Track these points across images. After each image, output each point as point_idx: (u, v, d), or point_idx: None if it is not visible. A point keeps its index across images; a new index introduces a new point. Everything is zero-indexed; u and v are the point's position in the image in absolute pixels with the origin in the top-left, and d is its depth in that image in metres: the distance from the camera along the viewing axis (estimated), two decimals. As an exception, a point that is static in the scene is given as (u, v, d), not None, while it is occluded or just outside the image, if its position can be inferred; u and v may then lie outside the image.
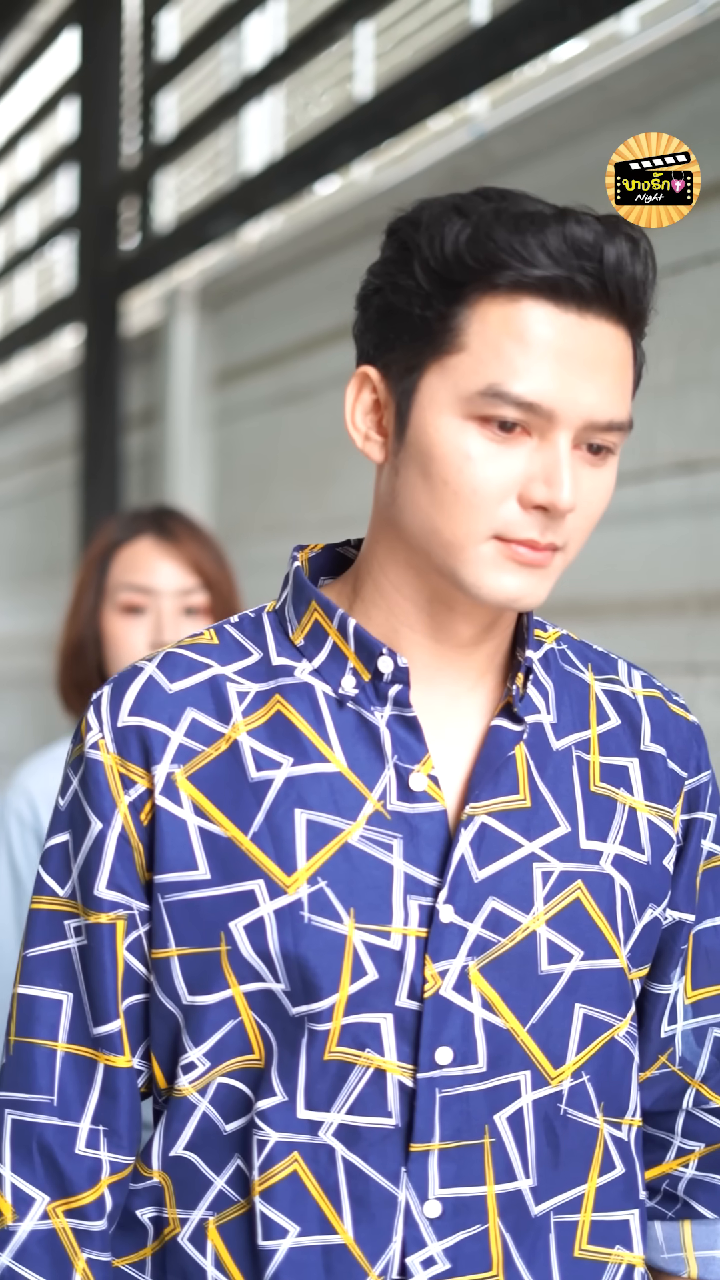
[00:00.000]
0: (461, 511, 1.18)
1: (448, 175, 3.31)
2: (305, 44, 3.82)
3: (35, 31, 6.21)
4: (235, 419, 4.35)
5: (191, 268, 4.54)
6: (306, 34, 3.81)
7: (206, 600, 2.22)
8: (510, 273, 1.15)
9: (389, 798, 1.24)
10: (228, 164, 4.52)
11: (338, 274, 3.78)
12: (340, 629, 1.26)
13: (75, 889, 1.28)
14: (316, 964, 1.21)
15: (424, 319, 1.19)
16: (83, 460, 4.95)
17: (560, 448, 1.17)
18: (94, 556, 2.26)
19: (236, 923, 1.22)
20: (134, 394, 4.87)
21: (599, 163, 2.87)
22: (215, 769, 1.25)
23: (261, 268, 4.16)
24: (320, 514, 3.83)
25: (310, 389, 3.91)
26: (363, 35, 3.73)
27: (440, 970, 1.22)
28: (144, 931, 1.27)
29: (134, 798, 1.25)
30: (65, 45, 5.72)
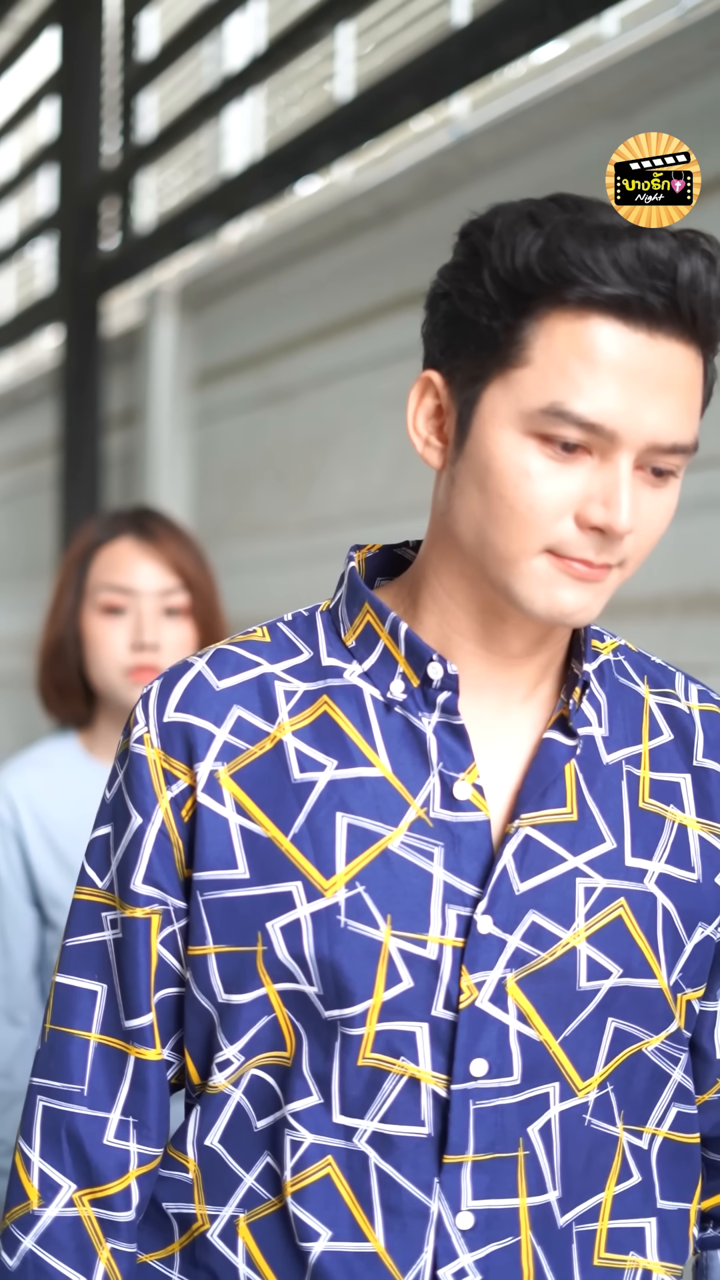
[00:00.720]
0: (516, 527, 1.16)
1: (428, 176, 3.31)
2: (286, 45, 3.82)
3: (15, 31, 6.20)
4: (215, 420, 4.35)
5: (172, 268, 4.54)
6: (287, 35, 3.80)
7: (187, 601, 2.22)
8: (580, 289, 1.13)
9: (432, 805, 1.23)
10: (208, 164, 4.51)
11: (318, 275, 3.78)
12: (392, 633, 1.25)
13: (114, 881, 1.29)
14: (350, 969, 1.21)
15: (490, 329, 1.16)
16: (63, 461, 4.94)
17: (621, 469, 1.15)
18: (74, 557, 2.25)
19: (273, 923, 1.22)
20: (114, 394, 4.87)
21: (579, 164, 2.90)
22: (259, 768, 1.24)
23: (242, 268, 4.16)
24: (300, 515, 3.83)
25: (291, 390, 3.91)
26: (343, 36, 3.73)
27: (477, 981, 1.21)
28: (179, 927, 1.27)
29: (176, 794, 1.25)
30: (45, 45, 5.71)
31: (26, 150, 6.03)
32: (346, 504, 3.63)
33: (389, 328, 3.47)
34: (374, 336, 3.53)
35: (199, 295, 4.41)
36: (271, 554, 3.95)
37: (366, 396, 3.56)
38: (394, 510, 3.43)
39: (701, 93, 2.57)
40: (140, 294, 4.68)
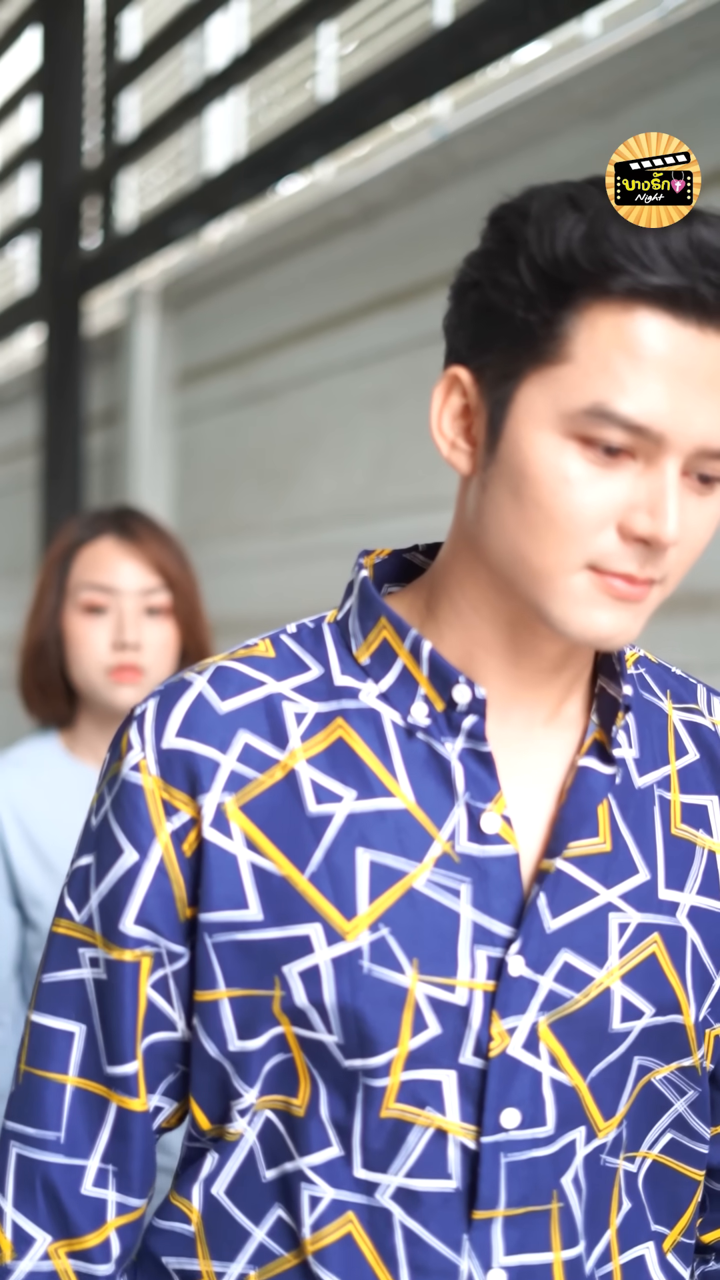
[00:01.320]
0: (555, 539, 1.06)
1: (410, 176, 3.31)
2: (268, 44, 3.82)
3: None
4: (197, 419, 4.35)
5: (154, 267, 4.53)
6: (269, 34, 3.80)
7: (168, 600, 2.22)
8: (626, 278, 1.02)
9: (458, 839, 1.13)
10: (190, 164, 4.51)
11: (300, 274, 3.78)
12: (413, 652, 1.15)
13: (94, 918, 1.17)
14: (374, 1018, 1.11)
15: (526, 323, 1.05)
16: (44, 460, 4.94)
17: (668, 475, 1.05)
18: (55, 556, 2.25)
19: (291, 968, 1.12)
20: (96, 394, 4.86)
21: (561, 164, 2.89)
22: (270, 799, 1.13)
23: (224, 268, 4.16)
24: (282, 515, 3.83)
25: (272, 389, 3.91)
26: (325, 36, 3.74)
27: (508, 1027, 1.12)
28: (173, 971, 1.16)
29: (177, 827, 1.14)
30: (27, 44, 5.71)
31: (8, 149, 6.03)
32: (328, 504, 3.63)
33: (370, 327, 3.47)
34: (355, 336, 3.53)
35: (181, 295, 4.41)
36: (253, 554, 3.95)
37: (348, 396, 3.56)
38: (376, 510, 3.43)
39: (683, 93, 2.58)
40: (122, 293, 4.68)
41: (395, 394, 3.38)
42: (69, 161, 4.99)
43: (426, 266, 3.25)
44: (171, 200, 4.31)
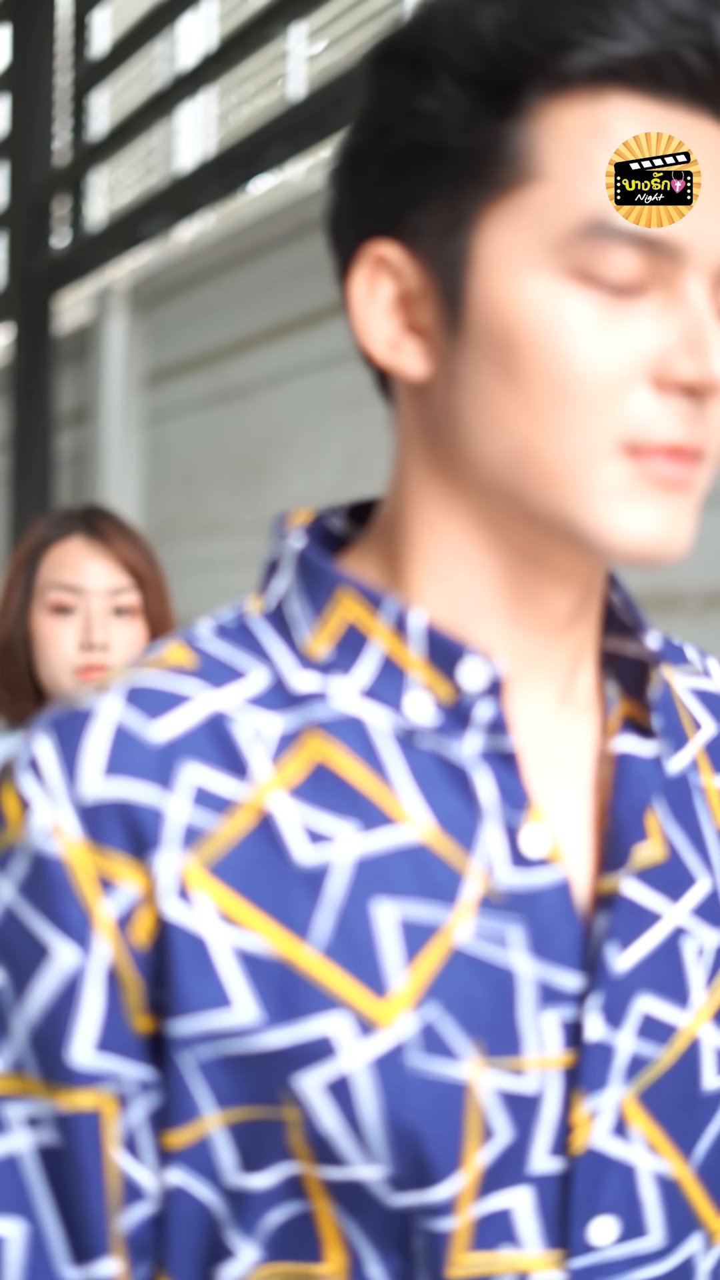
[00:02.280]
0: (572, 413, 0.79)
1: (380, 176, 3.31)
2: (238, 44, 3.81)
3: (-34, 28, 6.17)
4: (167, 419, 4.34)
5: (123, 266, 4.52)
6: (239, 34, 3.80)
7: (137, 600, 2.21)
8: (586, 54, 0.78)
9: (496, 868, 0.84)
10: (160, 163, 4.50)
11: (270, 274, 3.77)
12: (398, 627, 0.85)
13: (26, 1058, 0.83)
14: (432, 1132, 0.80)
15: (467, 150, 0.80)
16: (13, 459, 4.92)
17: (697, 301, 0.80)
18: (23, 556, 2.24)
19: (310, 1081, 0.80)
20: (65, 393, 4.85)
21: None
22: (244, 854, 0.82)
23: (193, 267, 4.15)
24: (252, 514, 3.83)
25: (242, 389, 3.90)
26: (295, 36, 3.73)
27: (591, 1110, 0.83)
28: (144, 1113, 0.83)
29: (123, 907, 0.82)
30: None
31: (-23, 147, 6.00)
32: (298, 503, 3.62)
33: (341, 327, 3.46)
34: (326, 336, 3.52)
35: (150, 294, 4.40)
36: (222, 553, 3.95)
37: (318, 396, 3.55)
38: (345, 510, 3.43)
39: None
40: (91, 292, 4.67)
41: (366, 393, 3.37)
42: (38, 160, 4.98)
43: (397, 266, 3.25)
44: (141, 199, 4.30)
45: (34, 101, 5.00)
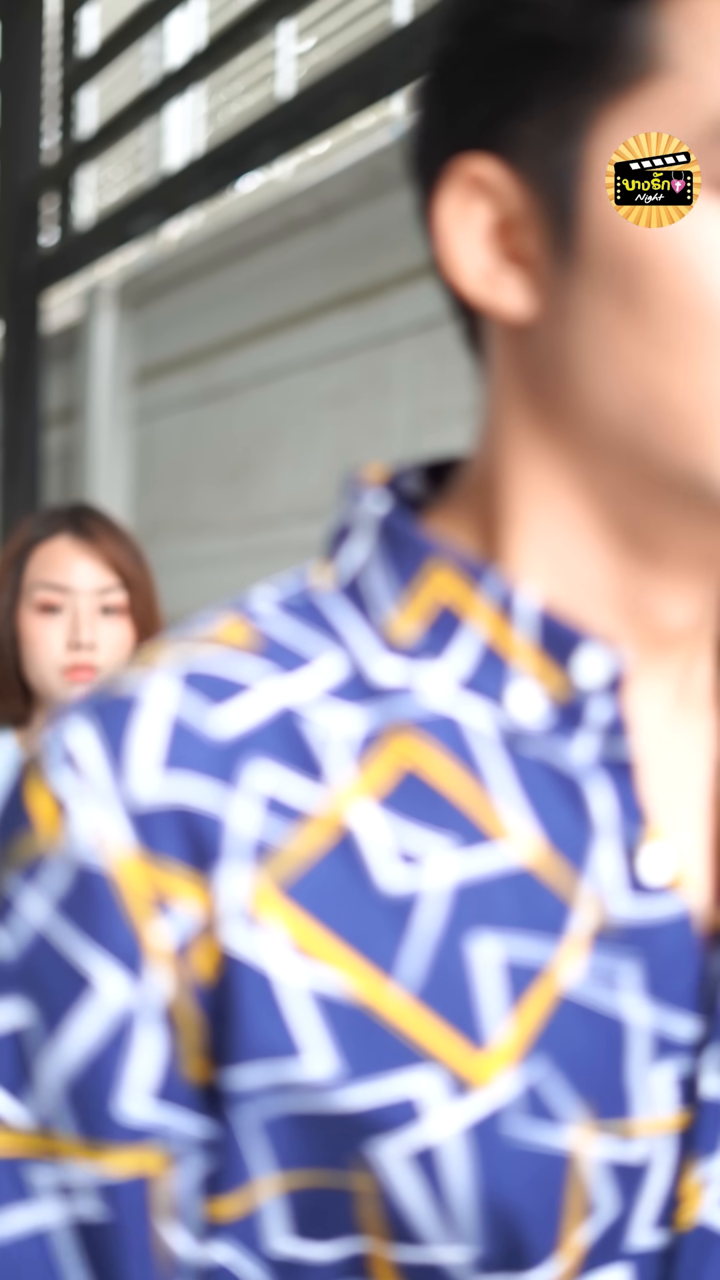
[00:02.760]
0: (710, 350, 0.65)
1: (369, 175, 3.31)
2: (227, 42, 3.81)
3: (-45, 25, 6.16)
4: (155, 417, 4.33)
5: (112, 265, 4.52)
6: (228, 31, 3.79)
7: (124, 599, 2.21)
8: None
9: (611, 897, 0.70)
10: (148, 161, 4.50)
11: (259, 272, 3.77)
12: (503, 607, 0.71)
13: (59, 1112, 0.68)
14: (530, 1209, 0.67)
15: (581, 41, 0.67)
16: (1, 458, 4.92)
17: None
18: (10, 555, 2.24)
19: (390, 1149, 0.67)
20: (53, 391, 4.84)
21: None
22: (321, 875, 0.68)
23: (182, 265, 4.15)
24: (241, 513, 3.82)
25: (231, 387, 3.90)
26: (285, 34, 3.73)
27: (702, 1179, 0.71)
28: (198, 1177, 0.69)
29: (182, 931, 0.67)
30: (-15, 39, 5.67)
31: (-35, 145, 5.99)
32: (286, 502, 3.62)
33: (329, 326, 3.46)
34: (314, 335, 3.52)
35: (139, 292, 4.39)
36: (210, 552, 3.94)
37: (306, 394, 3.55)
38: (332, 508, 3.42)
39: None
40: (80, 290, 4.66)
41: (354, 392, 3.37)
42: (26, 158, 4.97)
43: (385, 265, 3.24)
44: (130, 197, 4.29)
45: (22, 99, 4.99)
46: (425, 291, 3.10)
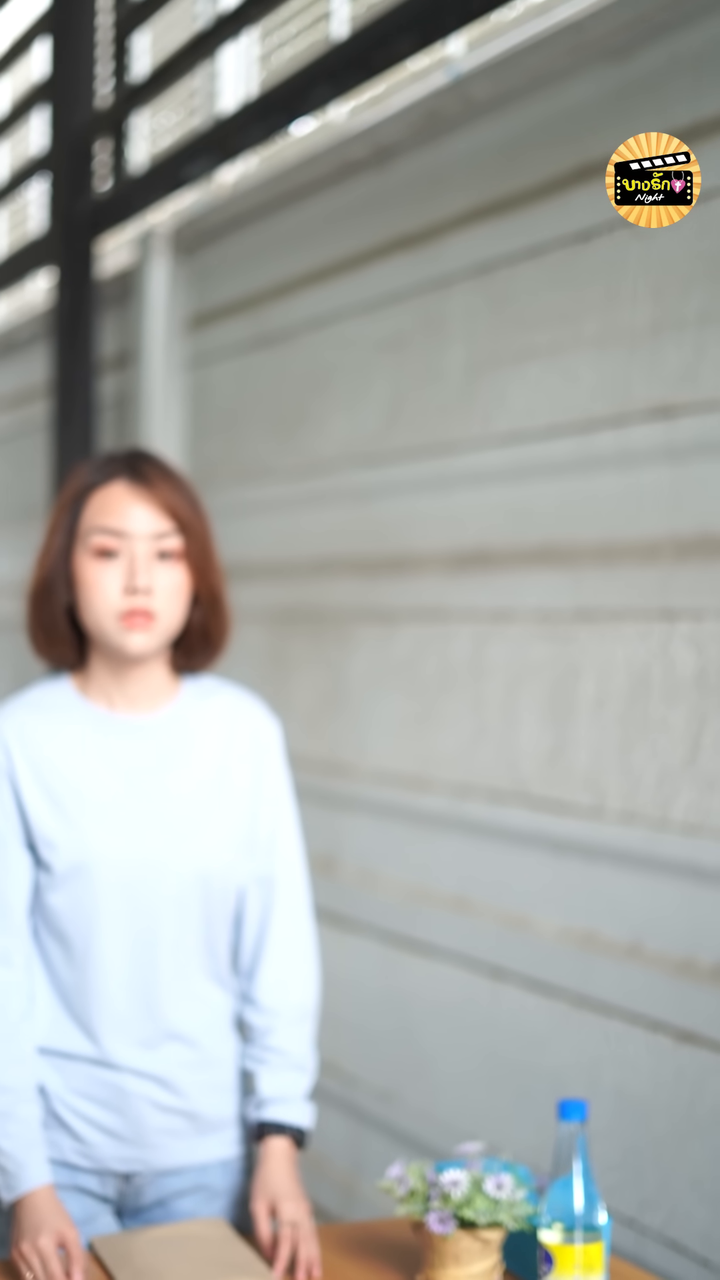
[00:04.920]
0: None
1: (424, 117, 3.29)
2: (280, -17, 3.78)
3: (7, -31, 6.14)
4: (209, 363, 4.33)
5: (166, 210, 4.51)
6: (282, -27, 3.77)
7: (180, 544, 2.21)
8: None
9: None
10: (202, 105, 4.48)
11: (313, 216, 3.76)
12: None
13: None
14: None
15: None
16: (56, 404, 4.92)
17: None
18: (66, 500, 2.25)
19: None
20: (108, 337, 4.84)
21: (576, 104, 2.87)
22: None
23: (236, 210, 4.13)
24: (295, 459, 3.82)
25: (285, 333, 3.89)
26: (339, -25, 3.70)
27: None
28: None
29: None
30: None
31: (18, 91, 5.98)
32: (340, 448, 3.62)
33: (384, 270, 3.45)
34: (369, 279, 3.51)
35: (193, 237, 4.38)
36: (264, 498, 3.94)
37: (361, 340, 3.54)
38: (387, 454, 3.42)
39: (700, 32, 2.55)
40: (134, 236, 4.65)
41: (408, 338, 3.36)
42: (80, 103, 4.96)
43: (440, 208, 3.23)
44: (183, 142, 4.28)
45: (75, 44, 4.97)
46: (481, 235, 3.08)
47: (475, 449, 3.08)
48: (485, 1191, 2.02)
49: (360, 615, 3.53)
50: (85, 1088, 2.21)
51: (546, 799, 2.88)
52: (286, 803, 2.33)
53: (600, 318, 2.76)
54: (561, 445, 2.85)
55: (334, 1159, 3.51)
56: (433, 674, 3.25)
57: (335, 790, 3.56)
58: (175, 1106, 2.24)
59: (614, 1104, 2.64)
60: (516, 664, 2.98)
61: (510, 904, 2.98)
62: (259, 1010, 2.29)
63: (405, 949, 3.31)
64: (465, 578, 3.15)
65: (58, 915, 2.20)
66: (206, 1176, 2.28)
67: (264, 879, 2.29)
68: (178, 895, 2.21)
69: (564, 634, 2.84)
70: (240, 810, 2.27)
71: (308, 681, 3.72)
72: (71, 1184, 2.22)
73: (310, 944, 2.34)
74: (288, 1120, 2.25)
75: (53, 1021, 2.22)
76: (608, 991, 2.69)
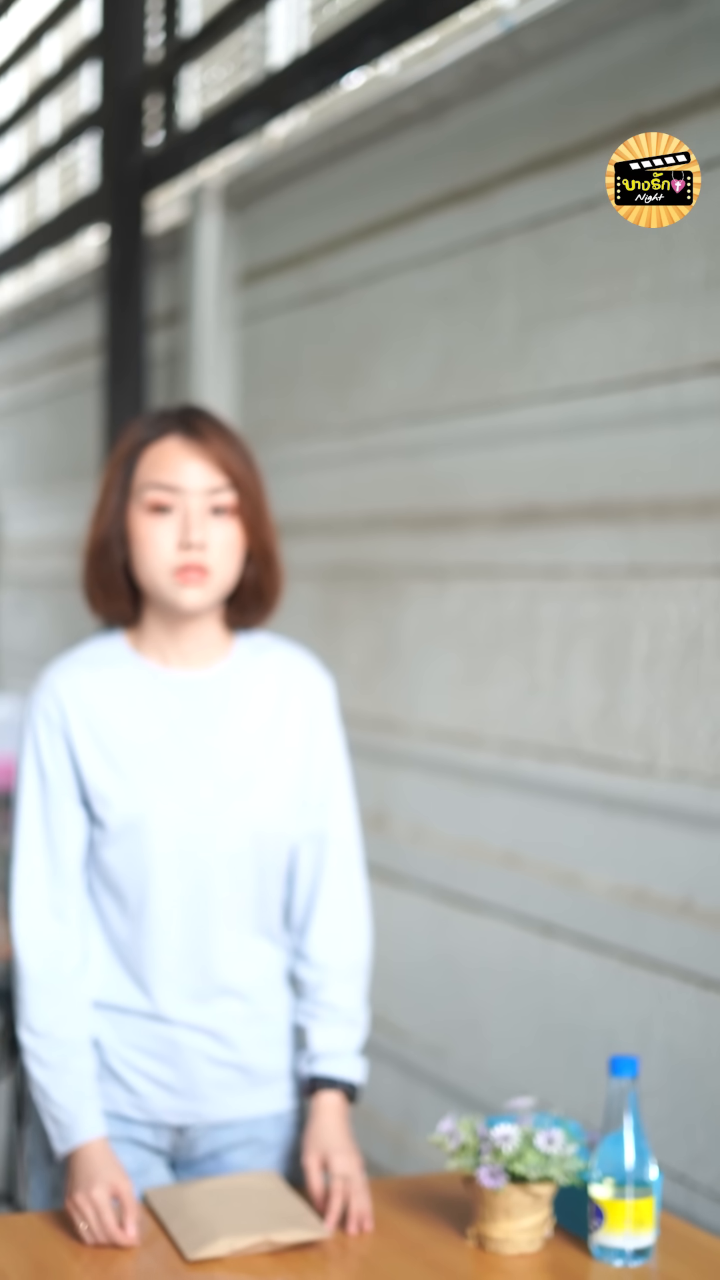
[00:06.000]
0: None
1: (476, 70, 3.26)
2: (332, -65, 3.76)
3: None
4: (260, 318, 4.32)
5: (216, 165, 4.49)
6: None
7: (234, 500, 2.21)
8: None
9: None
10: (253, 59, 4.46)
11: (364, 171, 3.74)
12: None
13: None
14: None
15: None
16: (107, 361, 4.93)
17: None
18: (120, 456, 2.25)
19: None
20: (158, 293, 4.84)
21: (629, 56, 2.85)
22: None
23: (287, 165, 4.12)
24: (345, 416, 3.82)
25: (336, 288, 3.88)
26: None
27: None
28: None
29: None
30: (88, -63, 5.63)
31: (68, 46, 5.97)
32: (391, 404, 3.61)
33: (435, 224, 3.43)
34: (420, 234, 3.49)
35: (244, 192, 4.37)
36: (315, 454, 3.94)
37: (412, 295, 3.52)
38: (438, 410, 3.41)
39: (756, -18, 2.52)
40: (184, 191, 4.64)
41: (460, 293, 3.34)
42: (130, 58, 4.94)
43: (493, 162, 3.21)
44: (234, 96, 4.26)
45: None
46: (534, 188, 3.06)
47: (527, 404, 3.07)
48: (536, 1146, 2.03)
49: (412, 571, 3.52)
50: (139, 1041, 2.23)
51: (598, 756, 2.87)
52: (339, 759, 2.34)
53: (654, 271, 2.74)
54: (614, 400, 2.84)
55: (385, 1113, 3.53)
56: (484, 630, 3.24)
57: (386, 747, 3.57)
58: (228, 1060, 2.25)
59: (665, 1060, 2.64)
60: (568, 621, 2.97)
61: (561, 861, 2.98)
62: (311, 966, 2.30)
63: (456, 905, 3.32)
64: (517, 534, 3.14)
65: (112, 871, 2.22)
66: (259, 1130, 2.29)
67: (316, 835, 2.30)
68: (231, 851, 2.22)
69: (616, 590, 2.83)
70: (293, 766, 2.28)
71: (359, 638, 3.72)
72: (125, 1136, 2.24)
73: (362, 900, 2.35)
74: (339, 1075, 2.26)
75: (107, 976, 2.24)
76: (659, 948, 2.69)
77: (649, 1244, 2.03)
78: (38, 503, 6.27)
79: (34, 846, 2.22)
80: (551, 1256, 2.06)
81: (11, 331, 6.66)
